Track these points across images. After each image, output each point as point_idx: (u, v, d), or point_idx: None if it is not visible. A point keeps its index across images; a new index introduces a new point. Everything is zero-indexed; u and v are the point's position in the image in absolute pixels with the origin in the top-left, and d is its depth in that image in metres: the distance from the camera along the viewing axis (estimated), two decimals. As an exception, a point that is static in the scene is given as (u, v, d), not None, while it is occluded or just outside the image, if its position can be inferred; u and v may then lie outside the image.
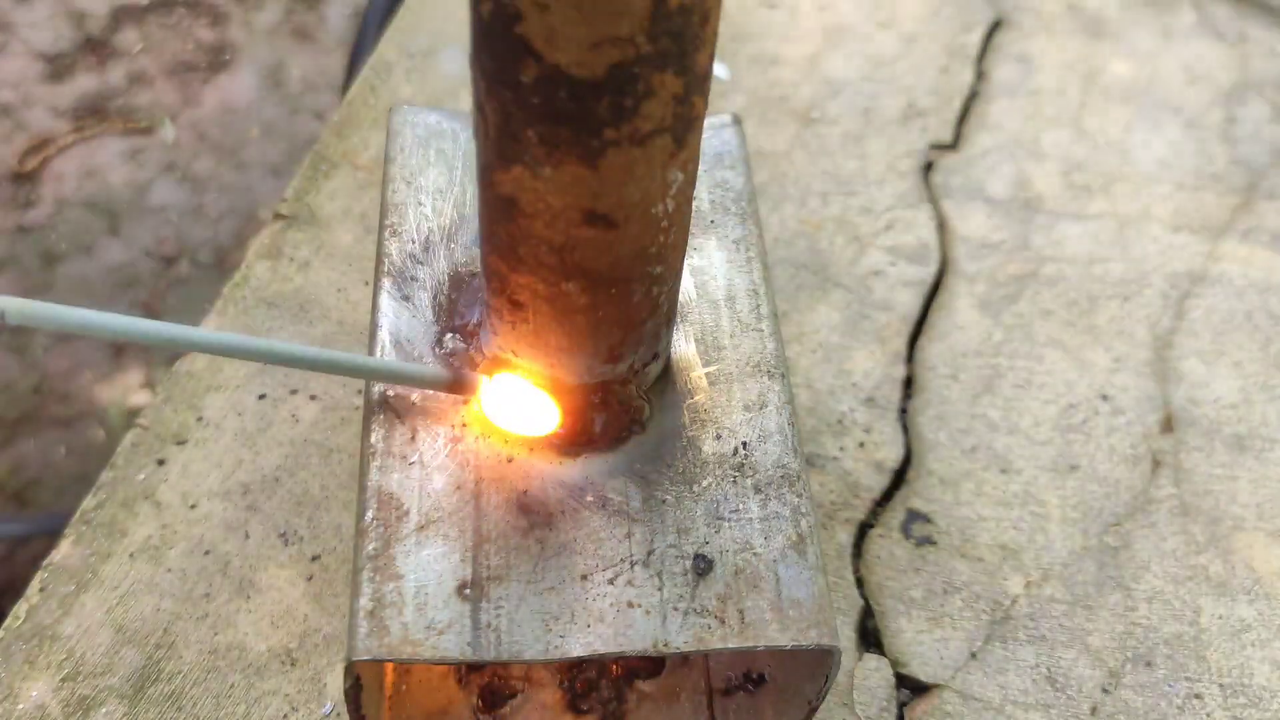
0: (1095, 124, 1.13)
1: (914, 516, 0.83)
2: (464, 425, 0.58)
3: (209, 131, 1.81)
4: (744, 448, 0.59)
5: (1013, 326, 0.95)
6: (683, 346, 0.63)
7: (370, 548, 0.54)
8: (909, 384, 0.91)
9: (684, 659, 0.70)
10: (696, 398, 0.61)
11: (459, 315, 0.63)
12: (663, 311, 0.57)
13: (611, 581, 0.54)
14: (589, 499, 0.57)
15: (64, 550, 0.76)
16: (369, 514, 0.55)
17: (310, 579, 0.75)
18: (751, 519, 0.56)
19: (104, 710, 0.69)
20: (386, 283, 0.64)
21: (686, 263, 0.64)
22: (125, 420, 1.54)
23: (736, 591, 0.54)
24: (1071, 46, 1.21)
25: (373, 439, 0.58)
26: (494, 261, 0.54)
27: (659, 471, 0.58)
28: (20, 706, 0.69)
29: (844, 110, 1.13)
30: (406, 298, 0.63)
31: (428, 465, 0.57)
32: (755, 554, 0.55)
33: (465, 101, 1.07)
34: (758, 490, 0.57)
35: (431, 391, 0.59)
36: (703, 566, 0.54)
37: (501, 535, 0.55)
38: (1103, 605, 0.79)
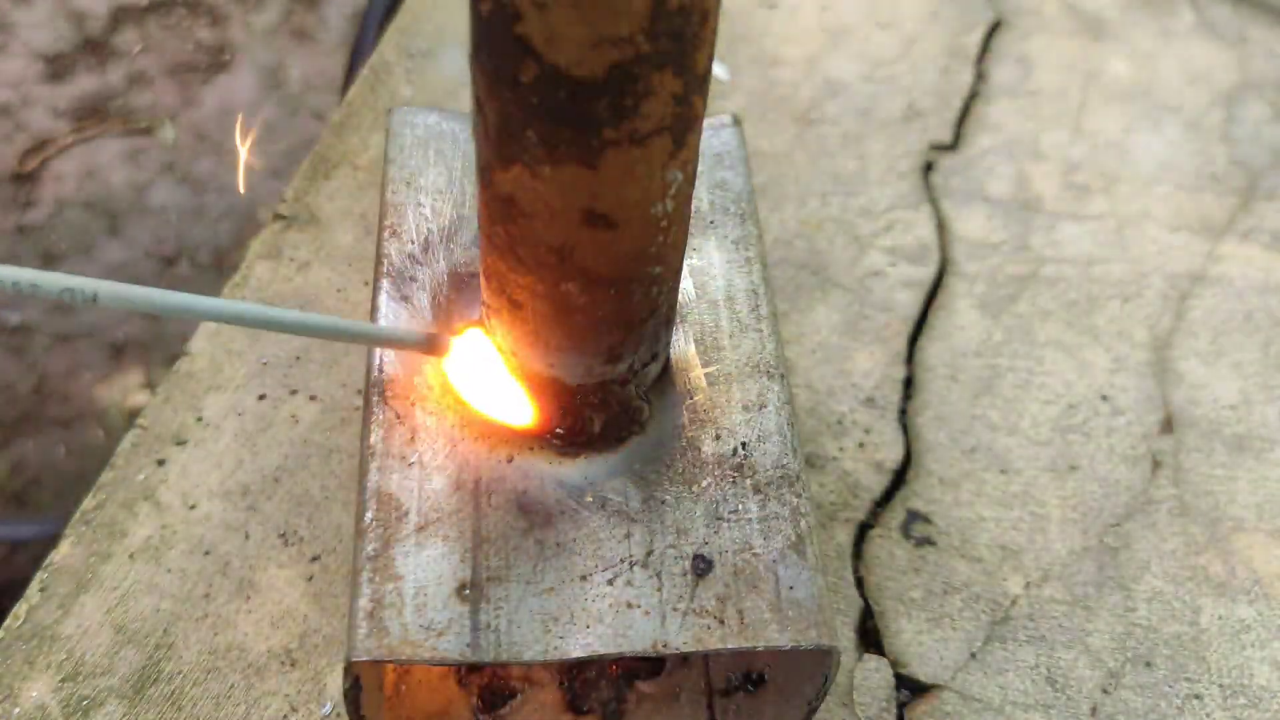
0: (1095, 124, 1.13)
1: (914, 517, 0.83)
2: (464, 426, 0.59)
3: (209, 132, 1.81)
4: (743, 448, 0.59)
5: (1012, 327, 0.95)
6: (682, 347, 0.63)
7: (370, 548, 0.54)
8: (909, 384, 0.91)
9: (683, 659, 0.70)
10: (696, 398, 0.61)
11: (459, 315, 0.63)
12: (662, 312, 0.57)
13: (611, 582, 0.54)
14: (588, 499, 0.57)
15: (64, 550, 0.76)
16: (369, 515, 0.55)
17: (310, 579, 0.75)
18: (751, 519, 0.56)
19: (104, 710, 0.69)
20: (385, 283, 0.64)
21: (686, 263, 0.64)
22: (125, 421, 1.54)
23: (736, 592, 0.54)
24: (1071, 47, 1.21)
25: (372, 440, 0.58)
26: (492, 261, 0.54)
27: (658, 472, 0.58)
28: (20, 707, 0.69)
29: (844, 110, 1.13)
30: (405, 298, 0.63)
31: (427, 466, 0.57)
32: (755, 554, 0.55)
33: (465, 102, 1.07)
34: (757, 491, 0.57)
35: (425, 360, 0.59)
36: (702, 567, 0.54)
37: (501, 536, 0.55)
38: (1103, 605, 0.79)
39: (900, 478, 0.85)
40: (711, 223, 0.69)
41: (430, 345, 0.57)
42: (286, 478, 0.80)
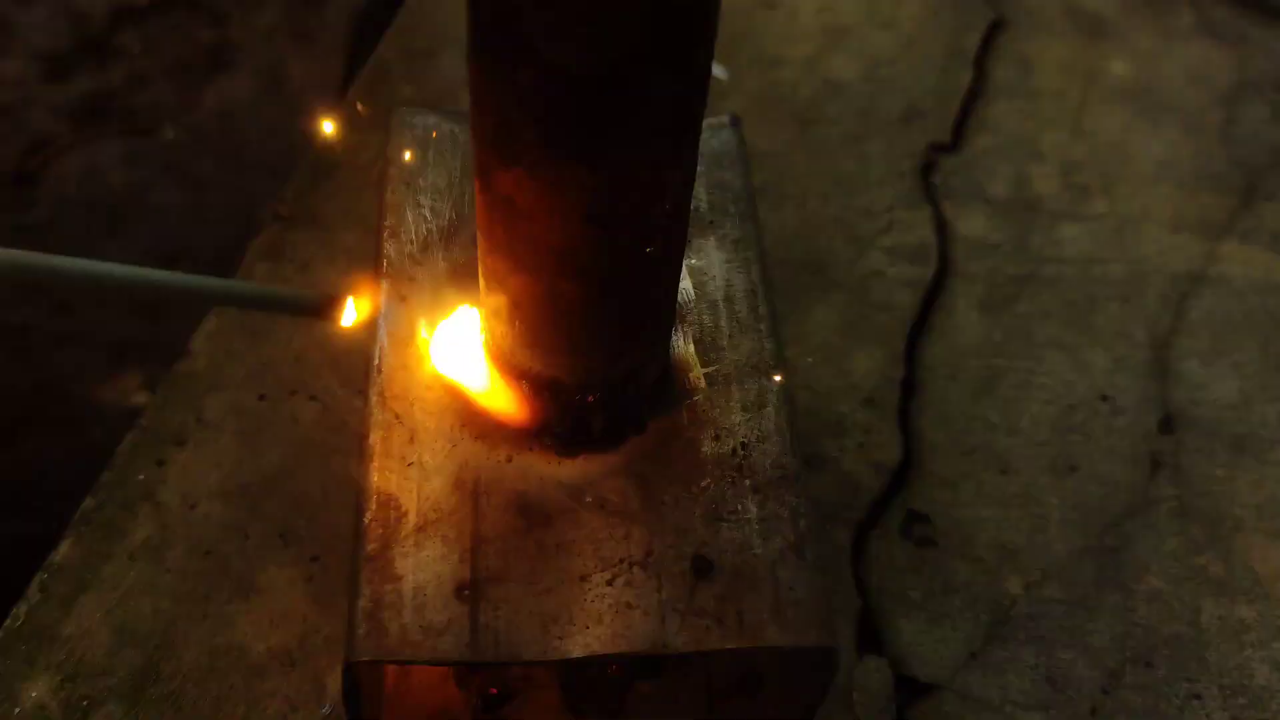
0: (1095, 124, 1.13)
1: (913, 517, 0.83)
2: (462, 426, 0.59)
3: (209, 132, 1.81)
4: (743, 448, 0.59)
5: (1012, 327, 0.95)
6: (681, 347, 0.63)
7: (369, 549, 0.54)
8: (908, 385, 0.91)
9: (683, 660, 0.70)
10: (695, 398, 0.61)
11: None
12: (661, 312, 0.57)
13: (610, 582, 0.54)
14: (588, 500, 0.57)
15: (64, 551, 0.76)
16: (367, 515, 0.55)
17: (310, 579, 0.75)
18: (750, 520, 0.56)
19: (104, 710, 0.69)
20: (385, 283, 0.64)
21: (686, 263, 0.64)
22: (125, 421, 1.53)
23: (735, 592, 0.54)
24: (1071, 47, 1.21)
25: (371, 439, 0.58)
26: (491, 261, 0.54)
27: (657, 472, 0.58)
28: (20, 707, 0.69)
29: (843, 111, 1.12)
30: (404, 298, 0.63)
31: (426, 466, 0.57)
32: (754, 555, 0.55)
33: (465, 102, 1.07)
34: (756, 491, 0.57)
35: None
36: (701, 567, 0.54)
37: (500, 536, 0.55)
38: (1103, 605, 0.79)
39: (900, 478, 0.85)
40: (711, 223, 0.69)
41: (323, 309, 0.56)
42: (286, 478, 0.80)
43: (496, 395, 0.58)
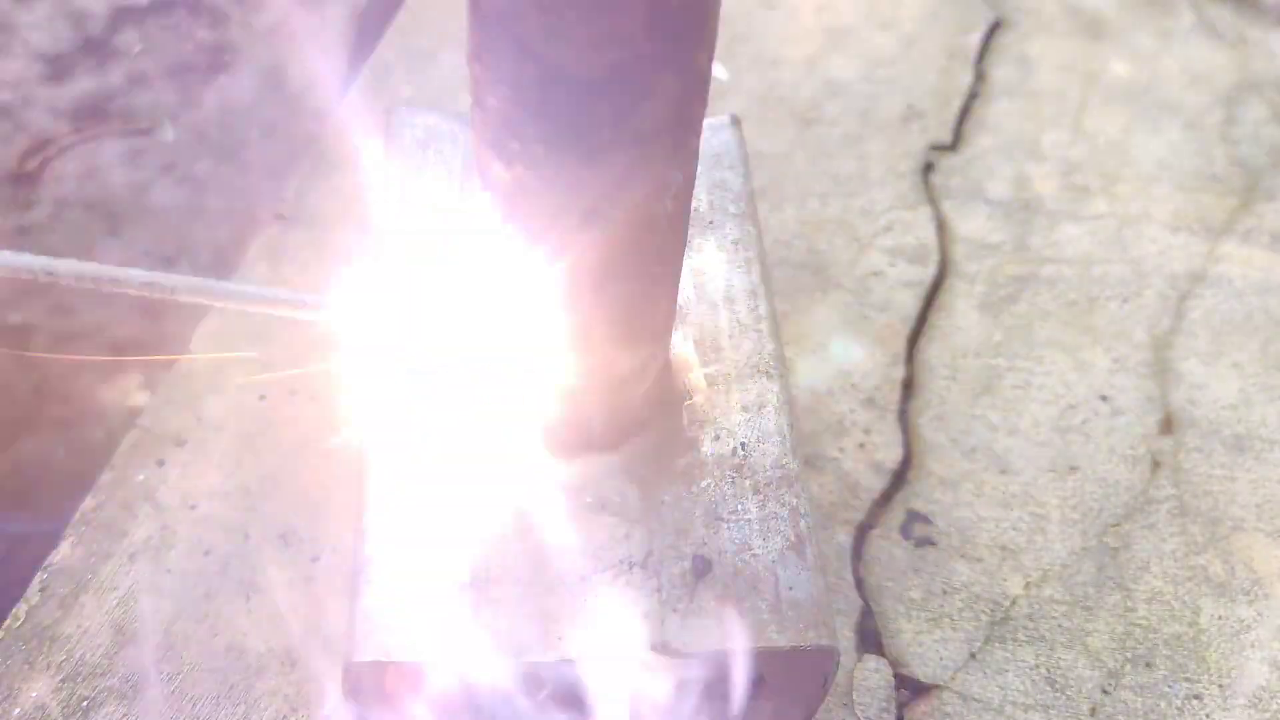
0: (1094, 125, 1.13)
1: (913, 517, 0.83)
2: (463, 428, 0.58)
3: (209, 132, 1.81)
4: (742, 449, 0.59)
5: (1012, 327, 0.95)
6: (681, 347, 0.63)
7: (369, 549, 0.54)
8: (908, 385, 0.91)
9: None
10: (695, 398, 0.61)
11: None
12: (661, 312, 0.57)
13: (610, 583, 0.54)
14: (587, 500, 0.57)
15: (64, 551, 0.76)
16: (367, 515, 0.55)
17: (310, 579, 0.75)
18: (750, 520, 0.56)
19: (104, 710, 0.69)
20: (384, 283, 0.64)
21: (685, 263, 0.64)
22: (125, 421, 1.53)
23: (735, 592, 0.54)
24: (1071, 47, 1.21)
25: (372, 440, 0.58)
26: (493, 262, 0.54)
27: (657, 472, 0.58)
28: (20, 707, 0.69)
29: (843, 111, 1.13)
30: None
31: (426, 466, 0.57)
32: (754, 555, 0.55)
33: (465, 102, 1.07)
34: (756, 491, 0.57)
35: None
36: (701, 567, 0.54)
37: (500, 536, 0.55)
38: (1102, 606, 0.79)
39: (900, 478, 0.85)
40: (711, 223, 0.69)
41: (302, 306, 0.57)
42: (286, 478, 0.80)
43: (497, 395, 0.58)
